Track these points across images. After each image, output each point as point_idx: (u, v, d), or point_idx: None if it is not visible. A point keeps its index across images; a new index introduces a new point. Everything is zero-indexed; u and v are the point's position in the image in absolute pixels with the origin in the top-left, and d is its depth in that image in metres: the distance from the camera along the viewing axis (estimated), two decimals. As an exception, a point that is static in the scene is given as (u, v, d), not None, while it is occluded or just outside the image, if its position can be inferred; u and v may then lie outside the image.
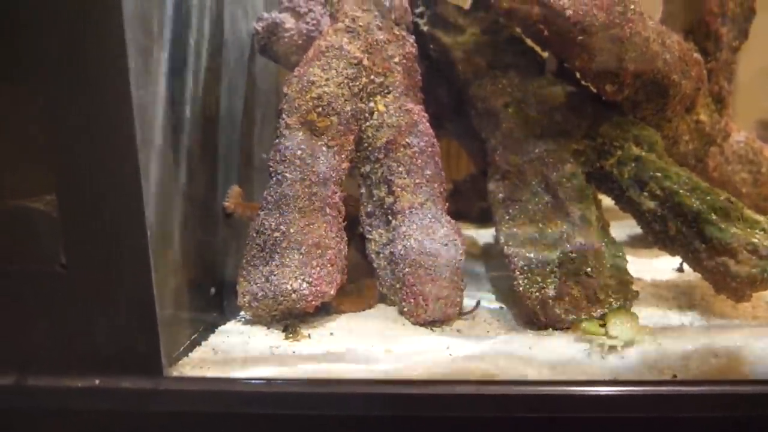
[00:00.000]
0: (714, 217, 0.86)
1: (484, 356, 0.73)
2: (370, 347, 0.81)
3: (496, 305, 0.98)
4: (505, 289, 1.01)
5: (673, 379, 0.68)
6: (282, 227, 0.87)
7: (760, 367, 0.69)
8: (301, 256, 0.86)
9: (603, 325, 0.77)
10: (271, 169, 0.91)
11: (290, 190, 0.88)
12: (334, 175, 0.91)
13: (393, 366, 0.75)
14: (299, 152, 0.90)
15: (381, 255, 0.97)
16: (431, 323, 0.91)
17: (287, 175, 0.89)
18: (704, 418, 0.65)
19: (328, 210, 0.90)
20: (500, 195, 0.98)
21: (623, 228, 1.41)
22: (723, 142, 1.12)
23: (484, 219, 1.27)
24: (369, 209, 0.99)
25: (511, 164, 0.98)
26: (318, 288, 0.87)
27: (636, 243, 1.27)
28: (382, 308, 0.96)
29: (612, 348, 0.75)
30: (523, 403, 0.64)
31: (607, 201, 1.02)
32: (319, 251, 0.87)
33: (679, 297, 0.98)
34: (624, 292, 0.86)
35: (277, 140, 0.92)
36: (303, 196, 0.88)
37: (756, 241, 0.83)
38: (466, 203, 1.54)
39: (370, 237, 0.99)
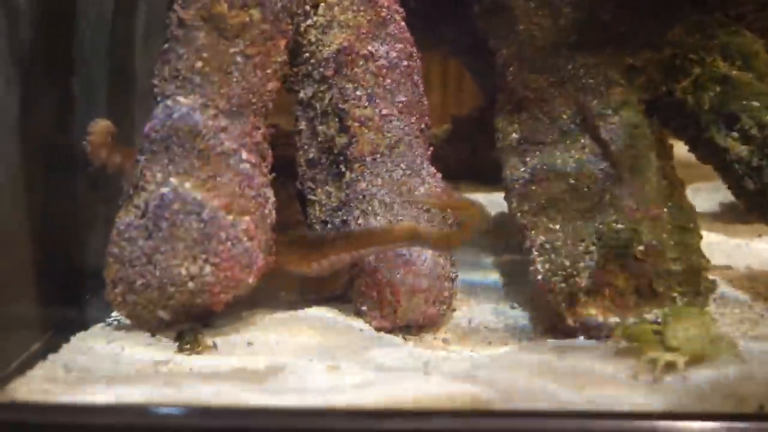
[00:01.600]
0: None
1: (477, 377, 0.73)
2: (306, 363, 0.81)
3: (506, 303, 0.98)
4: (521, 280, 1.00)
5: (759, 413, 0.68)
6: (172, 180, 0.86)
7: None
8: (201, 226, 0.85)
9: (659, 332, 0.77)
10: (156, 89, 0.89)
11: (185, 123, 0.87)
12: (254, 101, 0.89)
13: (338, 392, 0.74)
14: (200, 65, 0.88)
15: (330, 225, 0.95)
16: (404, 329, 0.91)
17: (180, 99, 0.87)
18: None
19: (244, 154, 0.88)
20: (513, 135, 0.97)
21: (713, 192, 1.43)
22: None
23: (497, 176, 1.27)
24: (311, 155, 0.97)
25: (530, 87, 0.96)
26: (228, 274, 0.86)
27: (729, 214, 1.28)
28: (335, 304, 0.96)
29: (670, 365, 0.75)
30: None
31: (682, 148, 1.02)
32: (231, 217, 0.86)
33: (785, 293, 0.98)
34: (694, 283, 0.85)
35: (166, 45, 0.89)
36: (205, 132, 0.87)
37: None
38: (470, 152, 1.54)
39: (312, 197, 0.97)
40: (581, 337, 0.85)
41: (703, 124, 0.91)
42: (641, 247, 0.85)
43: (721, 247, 1.20)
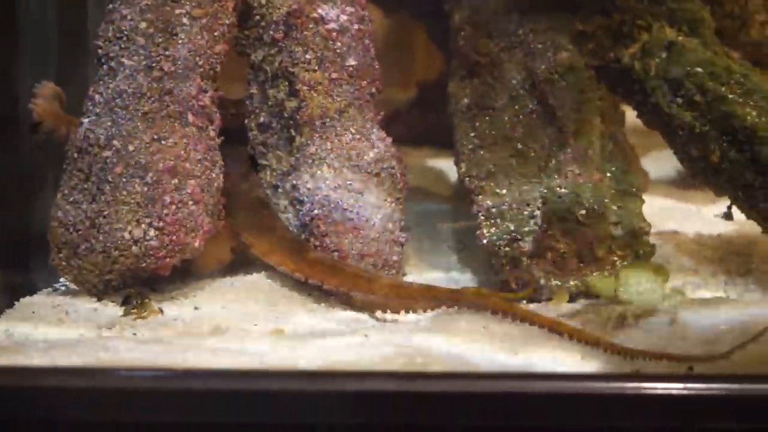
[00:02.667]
0: None
1: (413, 340, 0.73)
2: (250, 327, 0.81)
3: (457, 269, 0.98)
4: (474, 246, 0.99)
5: (686, 373, 0.69)
6: (116, 142, 0.84)
7: None
8: (146, 189, 0.84)
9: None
10: (99, 51, 0.88)
11: (129, 85, 0.85)
12: (201, 63, 0.88)
13: (278, 354, 0.74)
14: (144, 25, 0.86)
15: (281, 190, 0.95)
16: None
17: (124, 60, 0.86)
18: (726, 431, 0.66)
19: (190, 117, 0.87)
20: (465, 100, 0.97)
21: (673, 160, 1.42)
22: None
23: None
24: (262, 119, 0.96)
25: (481, 53, 0.96)
26: (174, 238, 0.85)
27: (686, 181, 1.27)
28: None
29: (621, 319, 0.75)
30: (455, 404, 0.65)
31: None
32: (176, 181, 0.85)
33: (730, 258, 0.98)
34: (634, 247, 0.85)
35: (110, 6, 0.88)
36: (150, 94, 0.86)
37: None
38: (435, 117, 1.54)
39: (264, 162, 0.97)
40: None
41: (649, 89, 0.90)
42: (582, 212, 0.85)
43: (673, 212, 1.20)
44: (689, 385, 0.66)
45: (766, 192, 0.86)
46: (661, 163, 1.33)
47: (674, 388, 0.66)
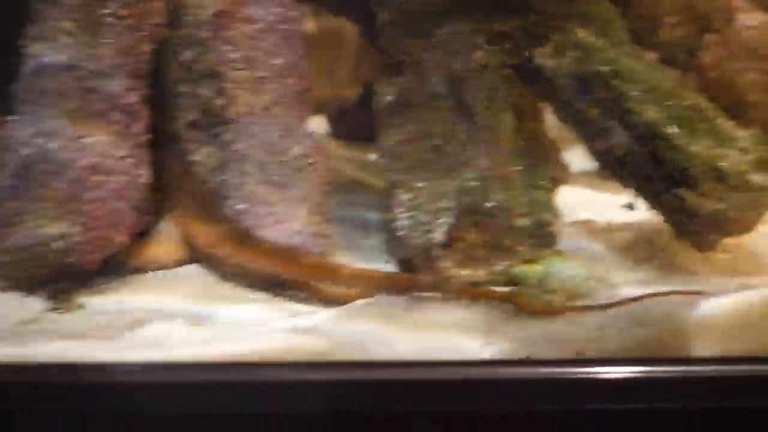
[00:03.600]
0: (672, 130, 0.87)
1: (318, 330, 0.74)
2: (169, 320, 0.81)
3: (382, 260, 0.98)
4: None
5: (575, 358, 0.71)
6: (38, 140, 0.84)
7: (699, 340, 0.71)
8: (68, 185, 0.84)
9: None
10: (26, 50, 0.87)
11: (51, 82, 0.86)
12: (126, 62, 0.89)
13: (198, 347, 0.74)
14: (69, 25, 0.86)
15: (209, 186, 0.94)
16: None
17: (45, 59, 0.86)
18: (614, 412, 0.68)
19: (115, 115, 0.88)
20: (388, 98, 0.97)
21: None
22: (725, 28, 1.12)
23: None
24: (192, 117, 0.97)
25: (405, 52, 0.96)
26: (98, 233, 0.85)
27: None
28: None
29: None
30: (360, 392, 0.66)
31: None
32: (100, 178, 0.85)
33: (637, 246, 1.00)
34: (539, 237, 0.87)
35: (37, 4, 0.87)
36: (73, 92, 0.86)
37: (724, 165, 0.85)
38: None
39: (196, 158, 0.96)
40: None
41: (560, 87, 0.92)
42: (490, 204, 0.86)
43: (590, 202, 1.21)
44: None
45: (666, 183, 0.89)
46: (586, 155, 1.35)
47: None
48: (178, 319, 0.82)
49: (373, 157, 1.46)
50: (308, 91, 0.98)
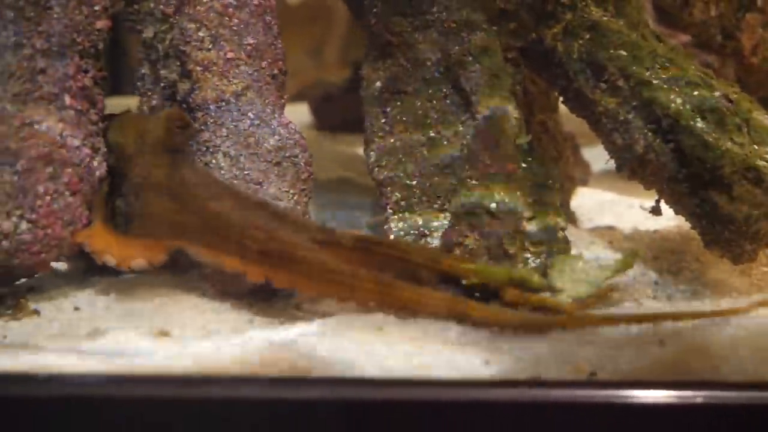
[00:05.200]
0: (700, 123, 0.86)
1: (299, 344, 0.74)
2: (134, 329, 0.81)
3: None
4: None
5: (588, 380, 0.71)
6: (-19, 128, 0.83)
7: (726, 363, 0.70)
8: (16, 178, 0.85)
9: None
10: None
11: (-5, 63, 0.84)
12: (79, 40, 0.89)
13: (160, 358, 0.74)
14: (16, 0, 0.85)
15: None
16: (252, 293, 0.90)
17: (-10, 37, 0.85)
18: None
19: (67, 99, 0.88)
20: (377, 84, 0.97)
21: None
22: (768, 6, 1.11)
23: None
24: (155, 102, 0.97)
25: (394, 32, 0.96)
26: (48, 231, 0.85)
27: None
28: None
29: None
30: (339, 410, 0.67)
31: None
32: (51, 169, 0.86)
33: (663, 256, 1.01)
34: (548, 243, 0.87)
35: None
36: (20, 74, 0.86)
37: (762, 164, 0.84)
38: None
39: (158, 150, 0.98)
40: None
41: (572, 73, 0.92)
42: (492, 205, 0.86)
43: (613, 206, 1.23)
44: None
45: (692, 185, 0.88)
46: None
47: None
48: (141, 327, 0.82)
49: (360, 150, 1.47)
50: (284, 75, 0.98)
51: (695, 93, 0.89)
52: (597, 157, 1.25)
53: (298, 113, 1.64)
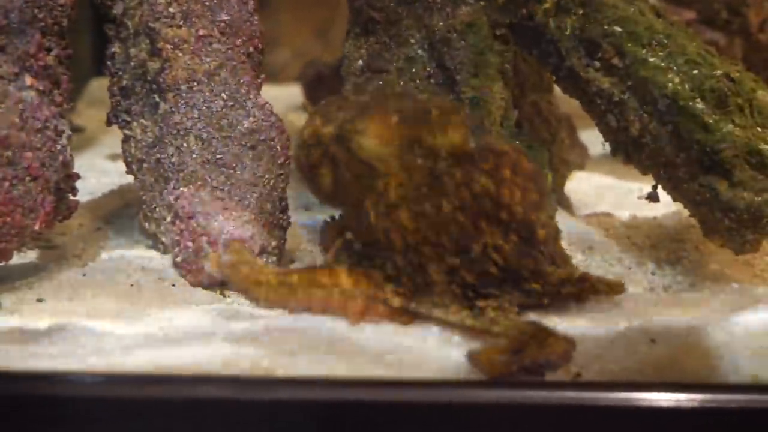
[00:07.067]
0: (700, 104, 0.84)
1: (263, 340, 0.71)
2: (97, 324, 0.79)
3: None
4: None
5: (573, 380, 0.69)
6: (-66, 110, 0.82)
7: (723, 361, 0.69)
8: (-27, 162, 0.82)
9: None
10: None
11: (-51, 41, 0.83)
12: (41, 16, 0.87)
13: (125, 355, 0.73)
14: (-31, -29, 0.84)
15: (146, 165, 0.94)
16: (223, 284, 0.89)
17: (-58, 12, 0.83)
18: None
19: (28, 79, 0.86)
20: (359, 62, 0.95)
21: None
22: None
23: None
24: (125, 83, 0.95)
25: (377, 8, 0.94)
26: (8, 219, 0.83)
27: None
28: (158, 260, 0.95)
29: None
30: (300, 411, 0.64)
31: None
32: (9, 154, 0.83)
33: (661, 245, 0.99)
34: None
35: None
36: (-24, 52, 0.83)
37: (766, 148, 0.82)
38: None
39: (128, 132, 0.95)
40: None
41: (564, 51, 0.89)
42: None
43: (612, 192, 1.20)
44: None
45: (691, 170, 0.85)
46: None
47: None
48: (103, 323, 0.80)
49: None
50: (261, 53, 0.96)
51: (694, 72, 0.86)
52: (595, 140, 1.22)
53: (292, 93, 1.61)
